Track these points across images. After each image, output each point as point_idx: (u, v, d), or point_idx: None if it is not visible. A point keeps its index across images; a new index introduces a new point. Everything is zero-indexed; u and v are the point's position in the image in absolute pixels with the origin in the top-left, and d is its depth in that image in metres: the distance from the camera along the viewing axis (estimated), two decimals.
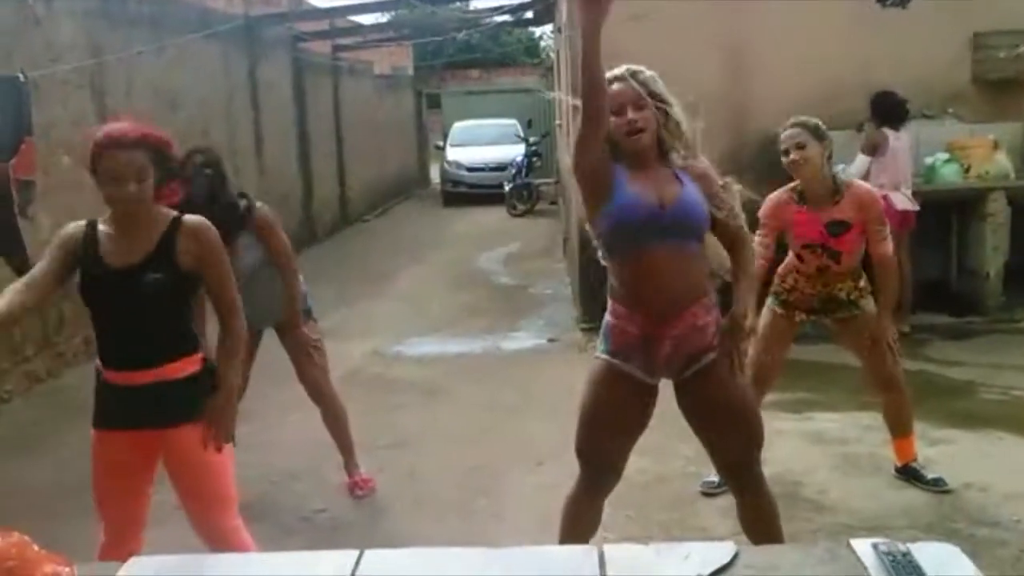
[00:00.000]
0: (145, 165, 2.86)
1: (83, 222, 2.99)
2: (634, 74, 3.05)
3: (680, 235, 2.96)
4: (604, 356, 3.13)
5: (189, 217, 3.00)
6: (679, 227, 2.95)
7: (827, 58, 7.39)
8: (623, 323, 3.07)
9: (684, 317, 3.00)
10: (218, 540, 3.03)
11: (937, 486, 4.43)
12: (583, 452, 3.21)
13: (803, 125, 4.22)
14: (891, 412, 4.52)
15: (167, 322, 2.97)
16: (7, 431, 5.98)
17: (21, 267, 5.87)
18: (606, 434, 3.17)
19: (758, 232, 4.25)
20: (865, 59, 7.37)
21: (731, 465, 3.25)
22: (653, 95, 3.01)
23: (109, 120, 3.08)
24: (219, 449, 3.00)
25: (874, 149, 6.82)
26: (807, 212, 4.28)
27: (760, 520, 3.25)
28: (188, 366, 2.99)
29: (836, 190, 4.24)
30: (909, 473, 4.53)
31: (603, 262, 3.15)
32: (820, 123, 4.23)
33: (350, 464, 4.80)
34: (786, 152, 4.21)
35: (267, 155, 12.40)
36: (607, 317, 3.15)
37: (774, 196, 4.38)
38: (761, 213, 4.34)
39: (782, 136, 4.25)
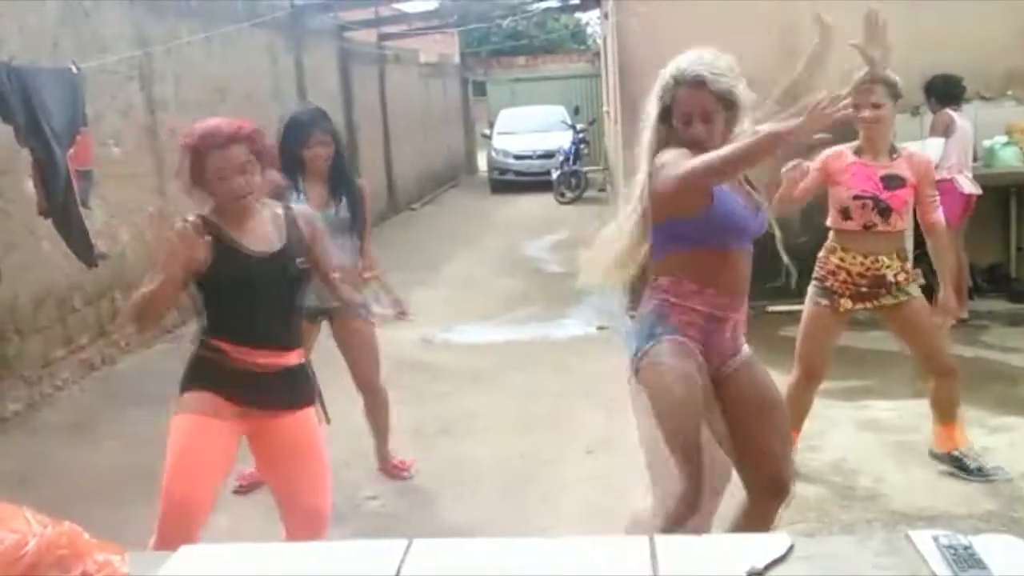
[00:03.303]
0: (247, 158, 2.97)
1: (192, 216, 3.02)
2: (711, 80, 2.89)
3: (755, 239, 3.04)
4: (669, 336, 2.92)
5: (298, 207, 3.28)
6: (758, 234, 3.03)
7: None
8: (690, 301, 2.95)
9: (743, 305, 3.04)
10: (314, 523, 3.12)
11: (983, 475, 4.30)
12: (683, 448, 2.82)
13: (882, 82, 4.09)
14: (942, 397, 4.38)
15: (299, 307, 3.17)
16: (62, 418, 6.08)
17: (89, 260, 5.95)
18: (693, 413, 2.86)
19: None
20: (921, 40, 7.19)
21: (771, 479, 3.00)
22: (727, 103, 2.90)
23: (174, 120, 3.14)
24: None
25: (946, 130, 6.64)
26: (862, 165, 4.18)
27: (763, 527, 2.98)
28: (302, 352, 3.23)
29: (893, 149, 4.23)
30: (953, 462, 4.41)
31: (664, 249, 3.02)
32: (897, 79, 4.12)
33: (385, 450, 4.82)
34: (858, 107, 4.01)
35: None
36: (663, 297, 2.98)
37: (829, 150, 4.22)
38: (813, 165, 4.22)
39: (857, 89, 4.08)
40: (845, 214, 4.21)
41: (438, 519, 4.31)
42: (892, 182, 4.15)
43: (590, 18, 25.65)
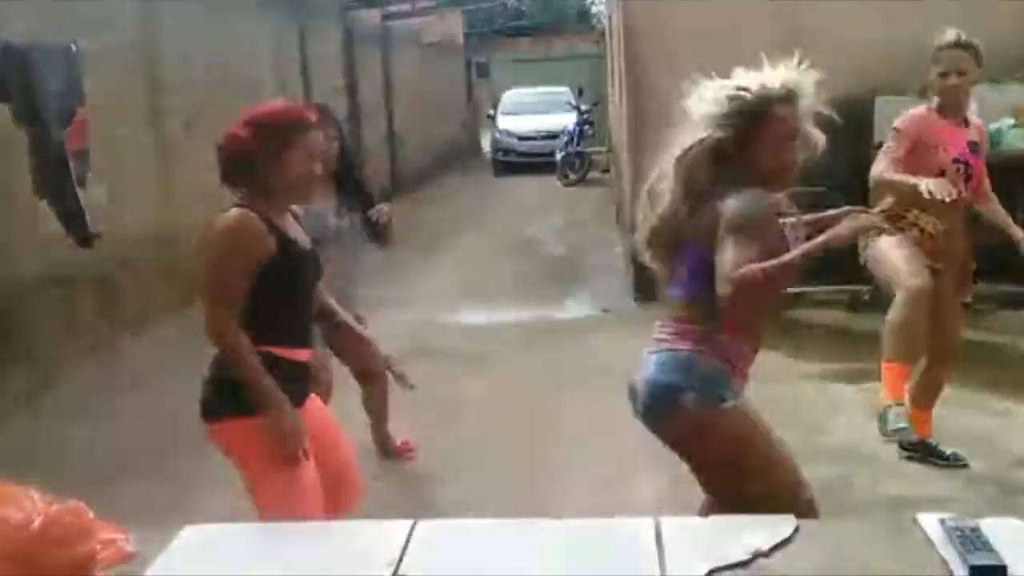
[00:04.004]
0: (323, 149, 2.92)
1: (240, 210, 2.74)
2: (799, 96, 2.70)
3: None
4: (733, 402, 2.69)
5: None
6: None
7: (889, 20, 7.19)
8: (744, 360, 2.79)
9: None
10: (359, 494, 3.15)
11: (957, 461, 4.27)
12: (774, 474, 2.74)
13: (968, 47, 3.99)
14: (934, 382, 4.34)
15: None
16: (64, 399, 6.08)
17: (83, 239, 5.92)
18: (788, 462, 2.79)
19: (887, 144, 4.05)
20: (928, 22, 7.14)
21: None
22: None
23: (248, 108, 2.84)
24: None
25: None
26: (952, 128, 4.06)
27: None
28: None
29: (967, 118, 4.17)
30: (926, 449, 4.33)
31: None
32: (979, 44, 4.03)
33: (386, 433, 4.81)
34: (945, 74, 3.97)
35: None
36: (724, 357, 2.70)
37: (912, 111, 4.11)
38: (898, 123, 4.07)
39: (941, 54, 4.01)
40: (942, 174, 3.97)
41: (442, 500, 4.31)
42: (975, 147, 4.09)
43: None
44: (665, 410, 2.72)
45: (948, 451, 4.31)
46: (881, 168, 3.98)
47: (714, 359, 2.69)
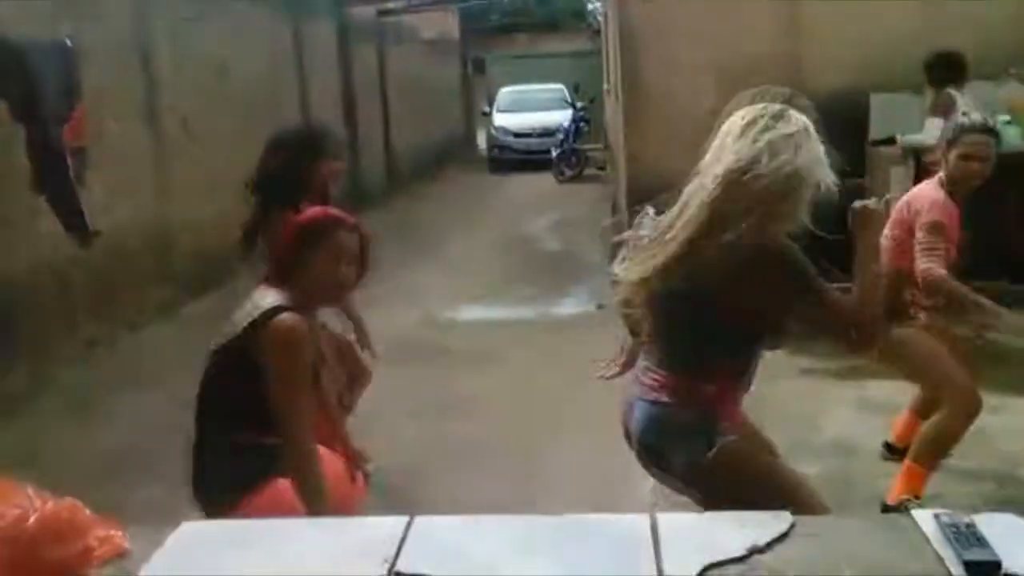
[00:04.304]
0: (356, 252, 2.86)
1: (292, 316, 2.67)
2: None
3: None
4: (719, 443, 2.60)
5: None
6: None
7: (885, 17, 7.19)
8: (732, 409, 2.76)
9: None
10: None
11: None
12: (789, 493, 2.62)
13: (992, 132, 3.87)
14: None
15: None
16: (61, 396, 6.08)
17: (83, 238, 5.91)
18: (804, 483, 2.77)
19: (932, 241, 3.73)
20: (924, 18, 7.16)
21: None
22: None
23: None
24: None
25: (946, 111, 6.59)
26: (957, 211, 3.85)
27: None
28: None
29: None
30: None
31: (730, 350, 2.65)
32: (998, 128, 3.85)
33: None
34: (968, 157, 3.80)
35: (313, 121, 12.41)
36: (709, 406, 2.64)
37: (941, 198, 3.81)
38: (942, 218, 3.76)
39: (970, 138, 3.82)
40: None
41: (439, 496, 4.31)
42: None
43: None
44: (656, 467, 2.73)
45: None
46: (939, 273, 3.70)
47: (695, 409, 2.62)
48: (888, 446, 4.39)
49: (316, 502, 2.64)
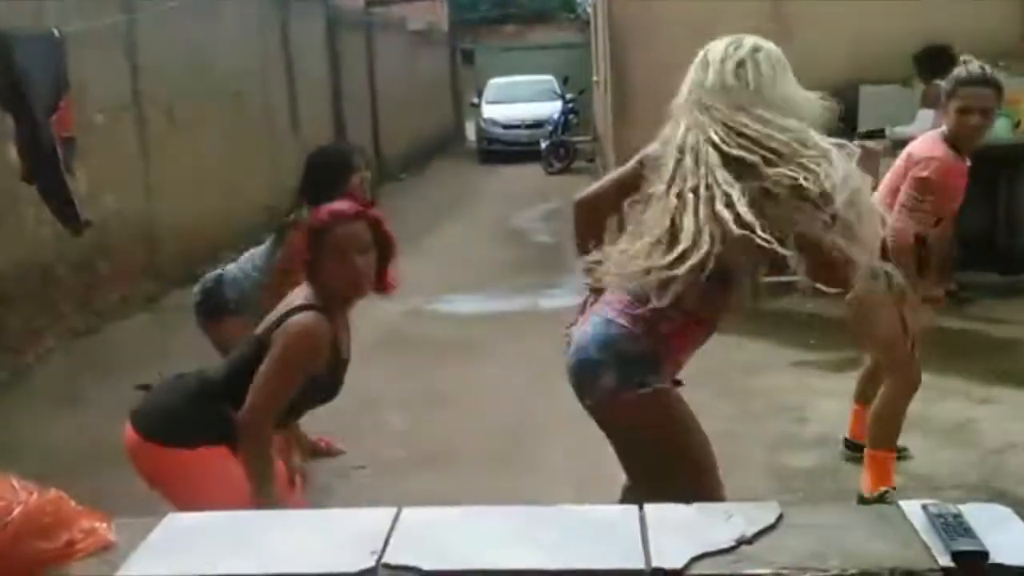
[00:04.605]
0: (370, 240, 2.85)
1: (316, 316, 2.72)
2: None
3: None
4: (659, 387, 2.66)
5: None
6: None
7: (873, 11, 7.20)
8: (689, 349, 2.76)
9: None
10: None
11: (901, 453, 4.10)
12: (707, 465, 2.75)
13: (993, 84, 3.68)
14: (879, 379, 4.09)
15: None
16: (46, 387, 6.05)
17: (75, 227, 5.88)
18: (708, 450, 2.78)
19: (915, 199, 3.69)
20: (913, 12, 7.17)
21: None
22: None
23: None
24: None
25: (937, 102, 6.60)
26: (962, 166, 3.77)
27: None
28: None
29: None
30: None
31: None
32: (1002, 82, 3.72)
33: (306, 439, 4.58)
34: (966, 111, 3.65)
35: (301, 112, 12.38)
36: (663, 343, 2.66)
37: (940, 152, 3.71)
38: (932, 172, 3.68)
39: (965, 91, 3.68)
40: (939, 223, 3.82)
41: (428, 489, 4.30)
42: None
43: None
44: (585, 384, 2.74)
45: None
46: (908, 238, 3.66)
47: (646, 342, 2.64)
48: (848, 443, 4.32)
49: (262, 484, 2.65)
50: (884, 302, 3.51)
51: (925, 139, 3.89)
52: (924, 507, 1.83)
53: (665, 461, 2.70)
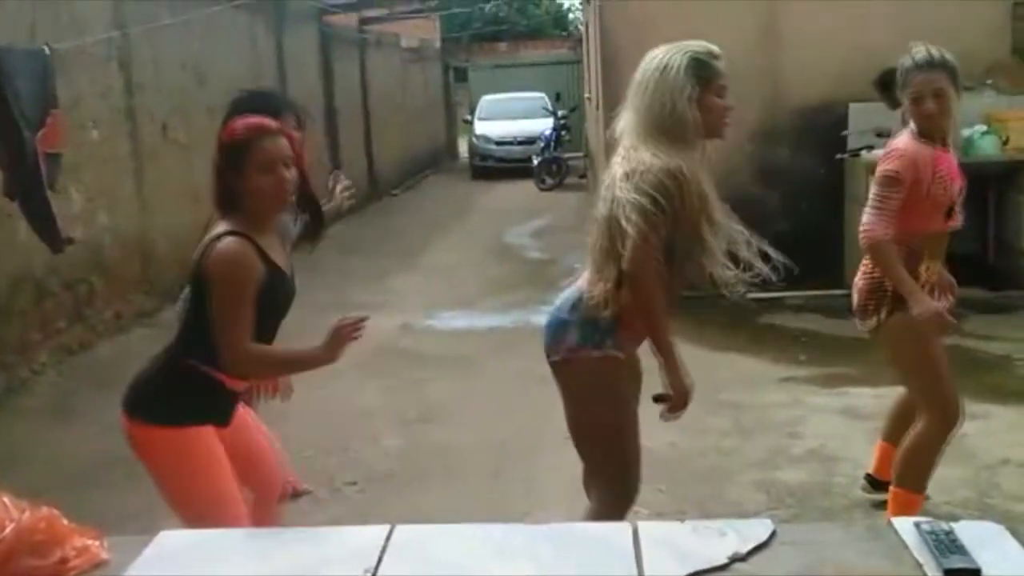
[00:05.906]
0: (290, 155, 2.78)
1: (233, 239, 2.65)
2: None
3: None
4: (612, 353, 2.95)
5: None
6: None
7: (863, 27, 7.25)
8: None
9: None
10: (277, 514, 3.09)
11: None
12: (631, 472, 3.05)
13: (942, 66, 3.42)
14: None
15: None
16: (39, 403, 6.03)
17: (54, 244, 5.86)
18: (636, 438, 3.06)
19: (880, 195, 3.41)
20: (902, 28, 7.19)
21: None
22: None
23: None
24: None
25: None
26: (943, 153, 3.48)
27: None
28: None
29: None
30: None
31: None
32: (955, 61, 3.46)
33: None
34: (919, 99, 3.41)
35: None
36: (621, 313, 2.91)
37: (903, 143, 3.46)
38: (896, 163, 3.41)
39: (913, 78, 3.43)
40: (950, 212, 3.52)
41: (420, 505, 4.29)
42: (960, 172, 3.61)
43: (572, 4, 25.64)
44: (552, 342, 3.07)
45: None
46: (879, 233, 3.40)
47: (607, 309, 2.90)
48: (870, 480, 4.04)
49: (292, 368, 2.95)
50: (908, 327, 3.40)
51: (897, 138, 3.62)
52: (916, 524, 1.84)
53: (600, 440, 3.02)
